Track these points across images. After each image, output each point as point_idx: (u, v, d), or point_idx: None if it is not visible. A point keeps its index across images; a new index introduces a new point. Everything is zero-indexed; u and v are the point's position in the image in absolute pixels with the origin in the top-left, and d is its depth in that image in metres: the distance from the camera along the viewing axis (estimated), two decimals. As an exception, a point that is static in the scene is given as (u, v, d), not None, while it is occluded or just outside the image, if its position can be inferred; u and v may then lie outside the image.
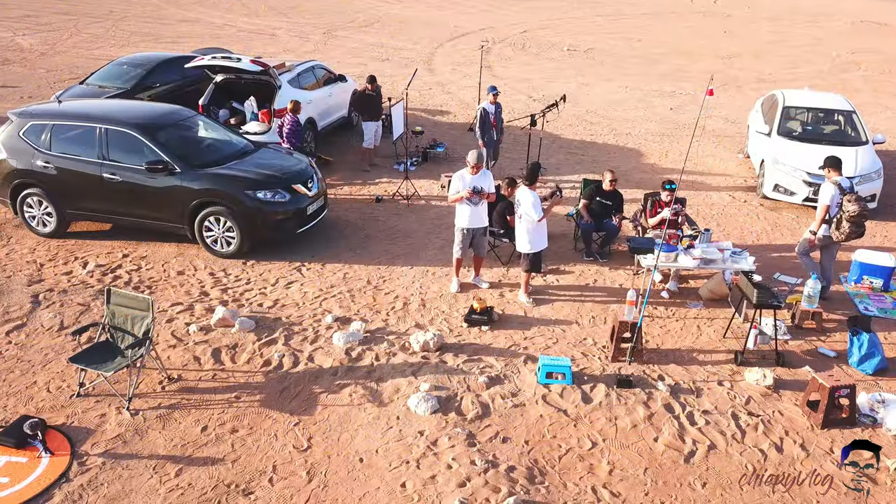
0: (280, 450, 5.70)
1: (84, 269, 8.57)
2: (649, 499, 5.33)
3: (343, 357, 6.91)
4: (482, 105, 11.38)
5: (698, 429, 6.07)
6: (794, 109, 11.99)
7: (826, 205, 7.88)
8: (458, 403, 6.29)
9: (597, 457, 5.73)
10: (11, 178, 9.18)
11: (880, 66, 22.79)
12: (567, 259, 9.25)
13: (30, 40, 23.18)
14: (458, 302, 8.10)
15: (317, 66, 13.36)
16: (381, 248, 9.41)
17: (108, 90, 12.64)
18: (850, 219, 7.67)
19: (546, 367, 6.57)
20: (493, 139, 11.45)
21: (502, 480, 5.42)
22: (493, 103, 11.33)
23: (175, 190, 8.66)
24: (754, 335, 7.14)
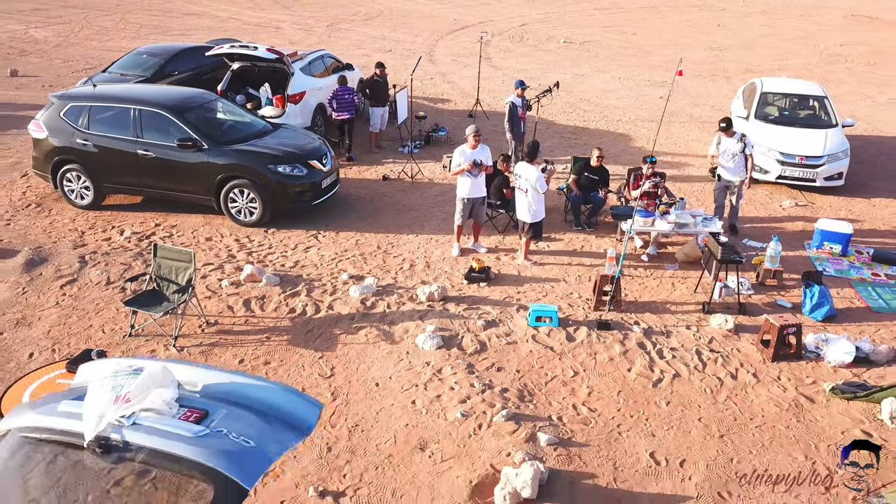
0: (307, 377, 6.79)
1: (122, 236, 9.65)
2: (621, 413, 6.42)
3: (359, 306, 8.00)
4: (510, 99, 11.96)
5: (666, 361, 7.16)
6: (772, 95, 13.06)
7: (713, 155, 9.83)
8: (459, 341, 7.38)
9: (578, 382, 6.82)
10: (52, 155, 10.23)
11: (866, 59, 23.86)
12: (558, 228, 10.33)
13: (43, 33, 24.22)
14: (458, 264, 9.18)
15: (326, 55, 14.42)
16: (389, 220, 10.49)
17: (130, 78, 13.67)
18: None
19: (535, 311, 7.66)
20: (521, 132, 12.10)
21: (497, 399, 6.52)
22: (521, 97, 11.94)
23: (203, 165, 9.72)
24: (720, 288, 8.23)
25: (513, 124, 11.95)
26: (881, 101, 18.26)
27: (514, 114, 11.91)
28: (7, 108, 15.29)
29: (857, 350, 7.13)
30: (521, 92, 12.03)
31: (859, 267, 9.35)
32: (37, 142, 10.36)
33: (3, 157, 12.37)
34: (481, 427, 6.15)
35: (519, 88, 12.04)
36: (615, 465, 5.80)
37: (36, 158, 10.46)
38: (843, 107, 16.82)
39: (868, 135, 15.25)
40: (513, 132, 12.00)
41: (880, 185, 12.30)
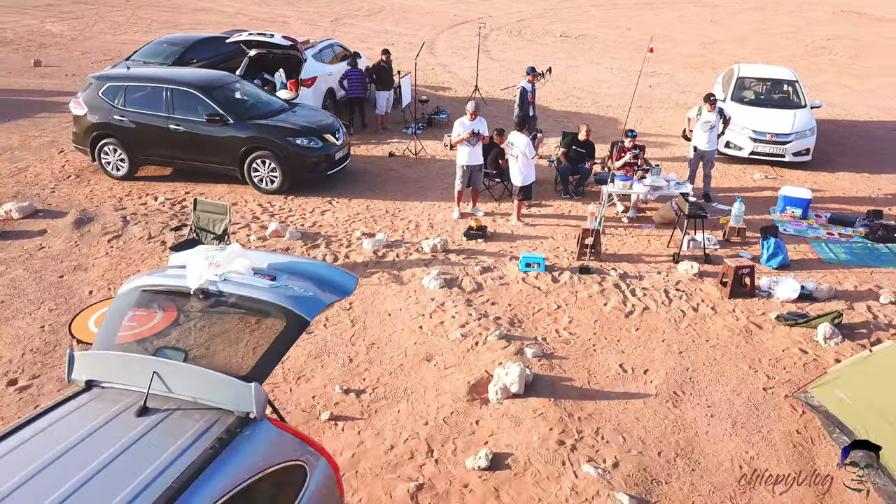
0: (330, 309, 8.01)
1: (156, 202, 10.88)
2: (596, 336, 7.65)
3: (372, 255, 9.23)
4: (521, 84, 12.76)
5: (637, 298, 8.39)
6: (748, 80, 14.29)
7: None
8: (459, 282, 8.61)
9: (560, 314, 8.05)
10: (91, 131, 11.45)
11: (850, 51, 25.11)
12: (548, 197, 11.56)
13: (59, 27, 25.47)
14: (458, 225, 10.41)
15: (335, 43, 15.68)
16: (396, 189, 11.72)
17: (152, 65, 14.90)
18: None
19: (525, 258, 8.90)
20: (532, 115, 12.87)
21: (491, 324, 7.75)
22: (531, 82, 12.73)
23: (228, 138, 10.96)
24: (688, 241, 9.47)
25: (523, 108, 12.66)
26: (858, 90, 19.50)
27: (524, 98, 12.60)
28: (36, 95, 16.53)
29: (802, 288, 8.36)
30: (532, 77, 12.77)
31: (816, 228, 10.58)
32: (77, 118, 11.58)
33: (39, 137, 13.60)
34: (477, 344, 7.38)
35: (530, 74, 12.77)
36: (589, 373, 7.03)
37: (76, 133, 11.68)
38: (821, 95, 18.10)
39: (841, 119, 16.48)
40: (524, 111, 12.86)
41: (845, 161, 13.54)
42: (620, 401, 6.61)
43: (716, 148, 11.07)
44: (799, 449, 6.08)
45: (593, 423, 6.30)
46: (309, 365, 7.02)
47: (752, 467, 5.85)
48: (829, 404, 6.30)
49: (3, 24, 25.68)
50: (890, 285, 8.87)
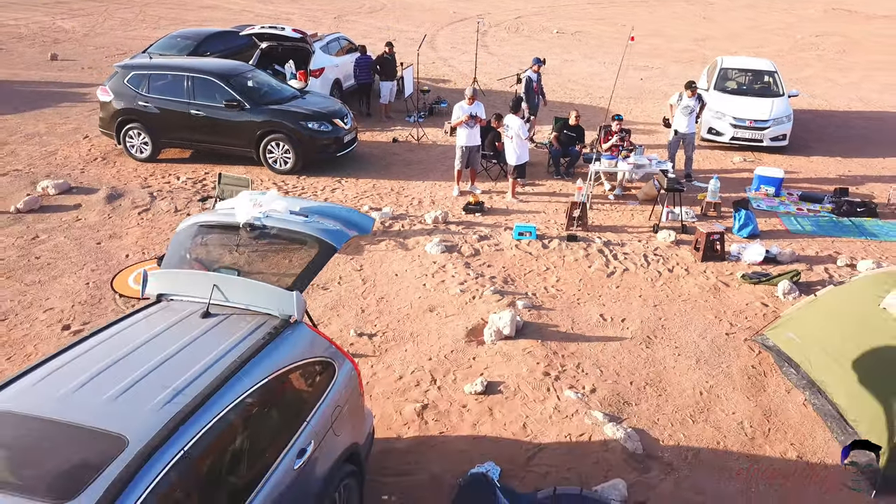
0: (343, 270, 9.02)
1: (178, 181, 11.88)
2: (580, 292, 8.66)
3: (379, 226, 10.24)
4: (527, 73, 13.61)
5: (618, 261, 9.41)
6: (730, 70, 15.32)
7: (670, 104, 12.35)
8: (458, 248, 9.62)
9: (548, 274, 9.07)
10: (117, 116, 12.45)
11: (837, 47, 26.15)
12: (541, 177, 12.57)
13: (70, 23, 26.48)
14: (458, 201, 11.41)
15: (341, 37, 16.70)
16: (400, 171, 12.72)
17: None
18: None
19: (518, 228, 9.92)
20: (536, 103, 13.79)
21: (486, 282, 8.76)
22: (536, 72, 13.58)
23: (245, 122, 11.96)
24: (667, 212, 10.48)
25: (528, 96, 13.54)
26: (841, 83, 20.53)
27: (529, 87, 13.45)
28: (56, 86, 17.54)
29: (767, 252, 9.38)
30: (537, 68, 13.61)
31: (787, 204, 11.60)
32: (103, 104, 12.59)
33: (64, 124, 14.61)
34: (474, 298, 8.39)
35: (535, 64, 13.60)
36: (573, 321, 8.04)
37: (102, 119, 12.69)
38: (804, 87, 19.14)
39: (821, 109, 17.51)
40: (528, 103, 13.61)
41: (820, 147, 14.56)
42: (599, 343, 7.63)
43: (695, 131, 12.08)
44: (752, 380, 7.09)
45: (575, 359, 7.31)
46: (326, 314, 8.02)
47: (710, 393, 6.86)
48: (780, 343, 7.31)
49: (16, 20, 26.70)
50: (848, 252, 9.88)
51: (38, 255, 9.22)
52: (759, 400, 6.80)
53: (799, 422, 6.53)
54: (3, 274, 8.73)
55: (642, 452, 6.06)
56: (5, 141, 13.50)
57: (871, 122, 16.49)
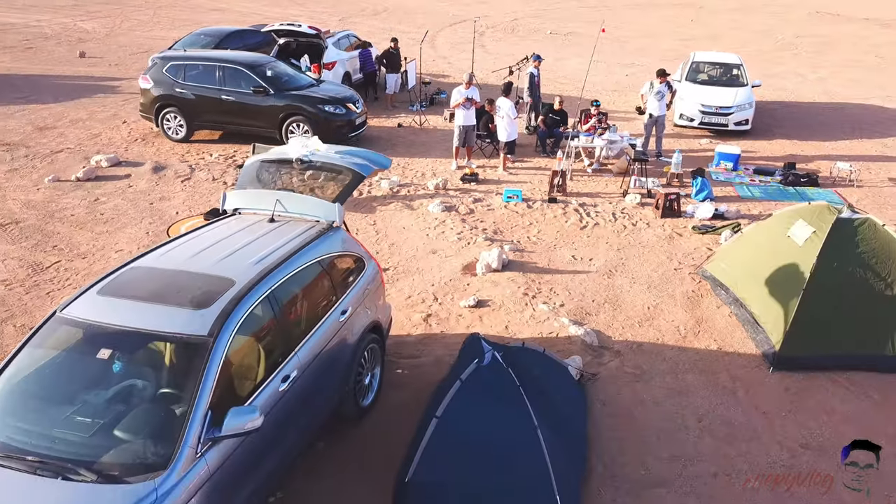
0: (360, 224, 10.94)
1: (211, 157, 13.81)
2: (557, 240, 10.58)
3: (388, 191, 12.16)
4: (529, 70, 15.35)
5: (591, 218, 11.34)
6: (701, 63, 17.29)
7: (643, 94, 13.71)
8: (456, 208, 11.55)
9: (531, 227, 10.99)
10: (156, 102, 14.38)
11: (814, 47, 28.16)
12: (529, 155, 14.50)
13: (91, 24, 28.48)
14: (456, 174, 13.33)
15: (350, 34, 18.69)
16: (405, 150, 14.65)
17: (195, 53, 17.84)
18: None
19: (507, 192, 11.86)
20: (538, 96, 15.51)
21: (479, 233, 10.68)
22: (537, 68, 15.24)
23: (269, 106, 13.89)
24: (634, 180, 12.41)
25: (532, 91, 15.32)
26: (810, 78, 22.52)
27: (532, 81, 15.29)
28: (88, 80, 19.50)
29: (716, 210, 11.30)
30: (538, 63, 15.42)
31: (742, 176, 13.53)
32: (144, 91, 14.52)
33: (103, 111, 16.55)
34: (469, 244, 10.32)
35: (536, 60, 15.41)
36: (549, 260, 9.96)
37: (143, 104, 14.63)
38: (775, 81, 21.14)
39: (788, 100, 19.48)
40: (532, 97, 15.42)
41: (781, 131, 16.51)
42: (570, 274, 9.55)
43: (665, 113, 14.00)
44: (691, 300, 9.00)
45: (549, 285, 9.23)
46: (347, 254, 9.93)
47: (656, 308, 8.77)
48: (715, 272, 9.23)
49: (40, 21, 28.72)
50: (787, 211, 11.79)
51: (102, 212, 11.15)
52: (694, 312, 8.72)
53: (723, 326, 8.44)
54: (76, 226, 10.66)
55: (597, 344, 7.98)
56: (53, 125, 15.43)
57: (831, 111, 18.45)
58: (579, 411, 6.63)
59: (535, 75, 15.37)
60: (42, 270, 9.37)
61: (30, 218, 10.93)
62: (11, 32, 26.24)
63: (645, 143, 14.05)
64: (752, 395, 7.24)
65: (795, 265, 8.01)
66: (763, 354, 7.82)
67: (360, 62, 17.89)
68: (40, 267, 9.46)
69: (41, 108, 16.66)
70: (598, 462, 6.25)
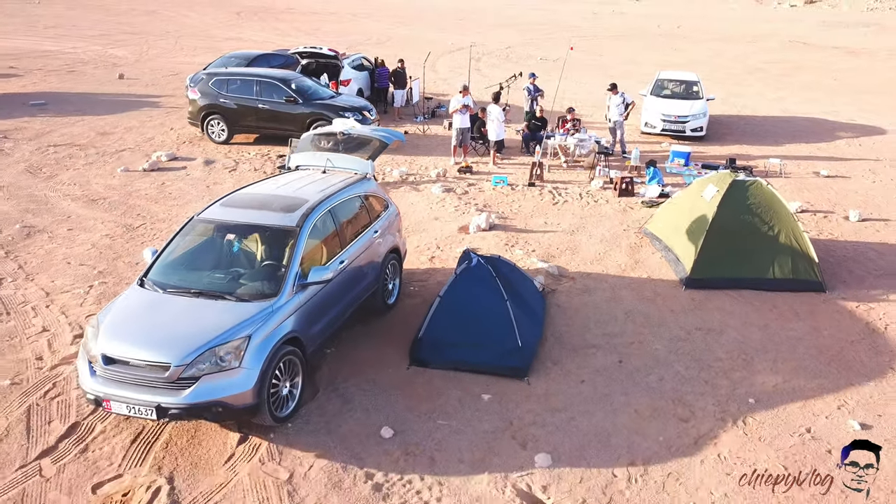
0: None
1: (250, 154, 17.00)
2: (533, 212, 13.70)
3: (398, 178, 15.31)
4: (525, 85, 18.97)
5: (562, 197, 14.47)
6: (665, 80, 20.59)
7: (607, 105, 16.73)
8: (453, 190, 14.69)
9: (513, 203, 14.11)
10: (202, 110, 17.60)
11: (781, 71, 31.60)
12: (516, 154, 17.68)
13: (121, 51, 31.94)
14: (453, 168, 16.49)
15: (363, 56, 22.05)
16: (411, 150, 17.82)
17: (228, 72, 21.11)
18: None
19: (495, 178, 15.03)
20: (534, 109, 18.77)
21: (472, 206, 13.81)
22: (532, 84, 18.89)
23: (299, 113, 17.10)
24: (599, 170, 15.59)
25: (530, 103, 18.78)
26: (769, 97, 25.86)
27: (529, 93, 18.80)
28: (131, 97, 22.79)
29: (663, 191, 14.44)
30: (533, 80, 19.02)
31: (691, 170, 16.69)
32: (192, 101, 17.77)
33: (151, 120, 19.78)
34: (464, 213, 13.43)
35: (531, 77, 19.10)
36: (526, 224, 13.06)
37: (191, 112, 17.86)
38: (737, 100, 24.43)
39: (746, 115, 22.75)
40: (530, 109, 18.75)
41: (732, 138, 19.72)
42: (541, 233, 12.64)
43: (621, 119, 17.12)
44: (632, 249, 12.07)
45: (524, 239, 12.32)
46: (368, 219, 13.03)
47: (605, 254, 11.84)
48: (652, 229, 12.32)
49: (75, 48, 32.23)
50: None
51: (169, 192, 14.29)
52: (634, 256, 11.80)
53: (654, 264, 11.51)
54: (151, 201, 13.79)
55: (558, 274, 11.04)
56: (111, 132, 18.65)
57: (780, 123, 21.71)
58: (539, 304, 9.68)
59: (531, 90, 18.64)
60: (133, 229, 12.47)
61: (113, 196, 14.05)
62: (51, 58, 29.67)
63: (612, 143, 17.24)
64: (666, 301, 10.29)
65: (704, 216, 11.10)
66: (680, 280, 10.87)
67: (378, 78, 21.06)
68: (131, 227, 12.56)
69: (97, 119, 19.88)
70: (550, 335, 9.27)
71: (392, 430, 7.36)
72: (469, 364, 8.37)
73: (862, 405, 8.04)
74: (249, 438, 7.18)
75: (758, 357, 8.92)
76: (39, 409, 7.61)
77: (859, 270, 11.43)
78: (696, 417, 7.77)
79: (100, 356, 6.83)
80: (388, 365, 8.53)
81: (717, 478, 6.87)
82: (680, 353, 8.99)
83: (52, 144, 17.40)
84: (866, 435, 7.43)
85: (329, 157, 9.89)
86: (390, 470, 6.85)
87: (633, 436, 7.43)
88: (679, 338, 9.36)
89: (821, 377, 8.54)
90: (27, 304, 9.79)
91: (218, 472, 6.77)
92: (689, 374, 8.56)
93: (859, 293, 10.62)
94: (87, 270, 10.86)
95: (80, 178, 15.06)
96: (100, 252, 11.51)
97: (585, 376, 8.45)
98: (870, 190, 15.53)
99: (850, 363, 8.84)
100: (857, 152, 18.63)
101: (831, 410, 7.94)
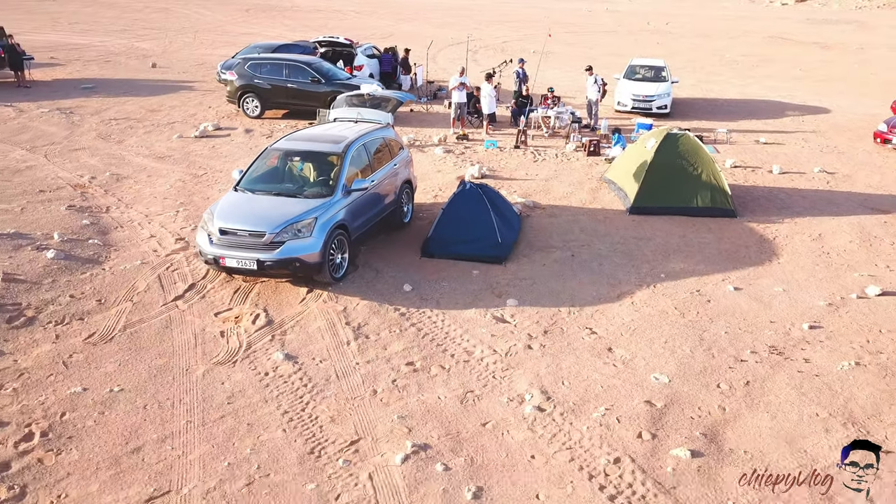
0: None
1: (281, 126, 20.77)
2: (517, 167, 17.47)
3: (407, 143, 19.08)
4: (516, 69, 22.60)
5: (541, 156, 18.27)
6: (636, 66, 24.41)
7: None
8: (453, 152, 18.47)
9: (501, 162, 17.88)
10: (239, 90, 21.38)
11: (753, 63, 35.43)
12: (505, 127, 21.46)
13: (146, 44, 35.74)
14: (452, 136, 20.26)
15: (373, 46, 25.88)
16: (417, 123, 21.59)
17: (255, 59, 24.90)
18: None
19: (487, 142, 18.83)
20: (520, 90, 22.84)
21: (468, 163, 17.59)
22: (521, 69, 22.63)
23: (321, 91, 20.88)
24: (573, 136, 19.38)
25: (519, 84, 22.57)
26: (736, 84, 29.66)
27: (518, 77, 22.64)
28: (167, 83, 26.56)
29: (622, 150, 18.21)
30: (522, 65, 22.87)
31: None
32: (229, 83, 21.57)
33: (191, 100, 23.58)
34: (461, 168, 17.21)
35: (521, 63, 22.94)
36: (511, 174, 16.84)
37: (229, 92, 21.67)
38: (706, 86, 28.20)
39: (712, 98, 26.55)
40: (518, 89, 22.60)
41: (693, 115, 23.50)
42: (522, 181, 16.40)
43: (596, 98, 20.94)
44: (593, 191, 15.83)
45: (509, 185, 16.08)
46: (384, 170, 16.82)
47: (571, 194, 15.60)
48: (610, 176, 16.09)
49: (103, 42, 36.00)
50: (673, 155, 18.69)
51: (221, 152, 18.07)
52: (593, 195, 15.57)
53: (608, 200, 15.28)
54: (207, 158, 17.55)
55: (532, 205, 14.81)
56: (159, 109, 22.43)
57: (739, 104, 25.50)
58: (516, 221, 13.44)
59: (520, 74, 22.44)
60: (198, 177, 16.23)
61: (175, 154, 17.82)
62: (85, 50, 33.45)
63: (589, 118, 21.01)
64: (613, 222, 14.05)
65: (645, 160, 14.87)
66: (626, 209, 14.64)
67: (383, 63, 24.81)
68: (196, 175, 16.33)
69: (142, 100, 23.65)
70: (522, 241, 13.02)
71: (411, 286, 11.12)
72: (463, 255, 12.11)
73: (740, 279, 11.79)
74: (314, 290, 10.92)
75: (673, 254, 12.68)
76: (166, 276, 11.35)
77: (767, 205, 15.20)
78: (621, 284, 11.52)
79: (217, 230, 10.57)
80: (406, 256, 12.28)
81: (629, 315, 10.61)
82: (617, 251, 12.74)
83: (112, 118, 21.15)
84: (737, 295, 11.16)
85: (360, 111, 13.65)
86: (410, 306, 10.59)
87: (575, 293, 11.18)
88: (618, 242, 13.11)
89: (715, 264, 12.30)
90: (133, 222, 13.53)
91: (296, 306, 10.51)
92: (622, 262, 12.31)
93: (762, 218, 14.38)
94: (171, 202, 14.60)
95: (145, 142, 18.83)
96: (177, 191, 15.27)
97: (546, 263, 12.21)
98: (798, 153, 19.32)
99: (739, 258, 12.59)
100: (798, 126, 22.42)
101: (717, 281, 11.69)
